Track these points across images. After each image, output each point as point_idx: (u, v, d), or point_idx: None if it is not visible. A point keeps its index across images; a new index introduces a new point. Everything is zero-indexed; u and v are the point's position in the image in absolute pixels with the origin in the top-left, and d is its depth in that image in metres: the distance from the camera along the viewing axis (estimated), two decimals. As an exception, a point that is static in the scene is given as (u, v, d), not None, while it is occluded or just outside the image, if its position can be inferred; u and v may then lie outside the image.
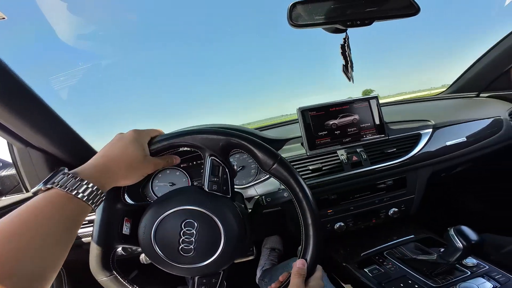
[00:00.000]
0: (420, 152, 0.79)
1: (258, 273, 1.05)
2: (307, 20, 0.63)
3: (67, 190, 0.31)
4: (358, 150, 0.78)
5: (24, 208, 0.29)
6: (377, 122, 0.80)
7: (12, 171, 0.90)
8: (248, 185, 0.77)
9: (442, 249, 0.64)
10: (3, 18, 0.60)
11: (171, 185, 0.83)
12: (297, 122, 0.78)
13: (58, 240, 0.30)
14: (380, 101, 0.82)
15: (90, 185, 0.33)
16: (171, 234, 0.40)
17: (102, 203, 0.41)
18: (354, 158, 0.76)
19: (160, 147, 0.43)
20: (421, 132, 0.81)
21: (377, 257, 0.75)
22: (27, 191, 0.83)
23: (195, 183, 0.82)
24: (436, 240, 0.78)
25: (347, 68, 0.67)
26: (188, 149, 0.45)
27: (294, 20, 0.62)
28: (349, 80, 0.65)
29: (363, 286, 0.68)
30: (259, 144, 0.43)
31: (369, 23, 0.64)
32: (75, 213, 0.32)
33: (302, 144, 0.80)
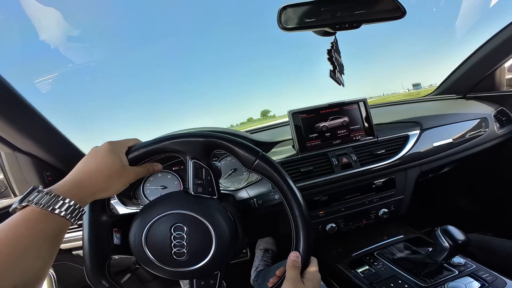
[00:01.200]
0: (408, 153, 0.80)
1: (252, 274, 1.05)
2: (297, 23, 0.63)
3: (42, 207, 0.31)
4: (348, 152, 0.79)
5: (1, 227, 0.29)
6: (366, 124, 0.82)
7: (-1, 176, 0.88)
8: (240, 187, 0.77)
9: (430, 249, 0.65)
10: None
11: (162, 188, 0.82)
12: (288, 124, 0.79)
13: (37, 256, 0.30)
14: (370, 103, 0.84)
15: (67, 200, 0.33)
16: (162, 239, 0.40)
17: (87, 217, 0.41)
18: (344, 159, 0.77)
19: (138, 155, 0.43)
20: (409, 133, 0.83)
21: (368, 258, 0.76)
22: (15, 195, 0.81)
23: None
24: (425, 240, 0.80)
25: (335, 73, 0.68)
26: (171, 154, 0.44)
27: (284, 23, 0.62)
28: (339, 84, 0.66)
29: (354, 286, 0.69)
30: (239, 143, 0.43)
31: (357, 26, 0.65)
32: (53, 228, 0.32)
33: (293, 146, 0.81)
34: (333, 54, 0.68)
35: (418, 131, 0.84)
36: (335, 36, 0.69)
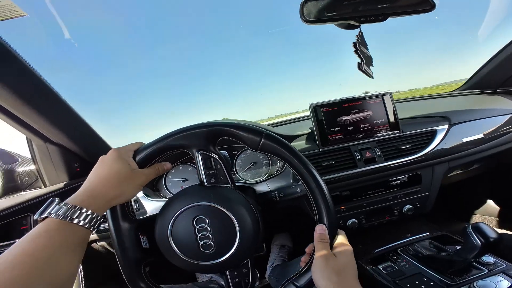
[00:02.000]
0: (435, 149, 0.77)
1: (268, 269, 1.05)
2: (319, 16, 0.62)
3: (60, 218, 0.32)
4: (371, 146, 0.77)
5: (24, 238, 0.30)
6: (391, 118, 0.79)
7: (30, 166, 0.92)
8: (260, 180, 0.77)
9: (458, 247, 0.63)
10: (24, 15, 0.61)
11: (183, 181, 0.84)
12: (308, 118, 0.78)
13: (60, 266, 0.31)
14: (394, 98, 0.81)
15: (84, 210, 0.34)
16: (187, 235, 0.40)
17: (112, 227, 0.42)
18: (368, 154, 0.75)
19: (144, 156, 0.43)
20: (437, 128, 0.80)
21: (390, 254, 0.74)
22: (45, 186, 0.85)
23: None
24: (452, 238, 0.77)
25: (362, 65, 0.66)
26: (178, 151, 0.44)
27: (307, 16, 0.61)
28: (368, 76, 0.65)
29: (376, 283, 0.68)
30: (242, 126, 0.43)
31: (383, 19, 0.63)
32: (72, 238, 0.33)
33: (313, 140, 0.80)
34: (359, 47, 0.67)
35: (446, 126, 0.80)
36: (360, 29, 0.67)
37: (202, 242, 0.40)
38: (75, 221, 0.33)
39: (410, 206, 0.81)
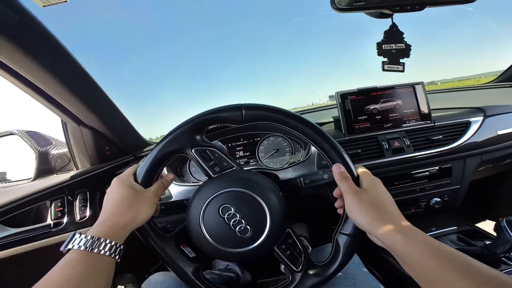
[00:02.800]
0: (468, 141, 0.75)
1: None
2: (351, 3, 0.60)
3: (82, 249, 0.34)
4: (400, 136, 0.75)
5: (54, 269, 0.33)
6: (422, 108, 0.77)
7: (63, 149, 0.97)
8: (284, 167, 0.77)
9: (487, 242, 0.61)
10: (65, 1, 0.63)
11: (207, 166, 0.86)
12: (329, 108, 0.77)
13: None
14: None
15: (102, 240, 0.35)
16: (222, 228, 0.40)
17: (157, 250, 0.43)
18: (396, 144, 0.74)
19: (144, 175, 0.43)
20: (471, 119, 0.77)
21: (415, 247, 0.73)
22: (77, 168, 0.90)
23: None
24: (481, 233, 0.74)
25: (384, 66, 0.64)
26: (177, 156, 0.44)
27: (338, 3, 0.59)
28: (398, 71, 0.62)
29: (399, 274, 0.67)
30: (220, 108, 0.43)
31: (420, 9, 0.59)
32: (95, 267, 0.35)
33: (339, 128, 0.79)
34: (383, 46, 0.64)
35: (481, 118, 0.77)
36: (392, 19, 0.64)
37: (238, 228, 0.40)
38: (96, 250, 0.35)
39: (438, 199, 0.79)
